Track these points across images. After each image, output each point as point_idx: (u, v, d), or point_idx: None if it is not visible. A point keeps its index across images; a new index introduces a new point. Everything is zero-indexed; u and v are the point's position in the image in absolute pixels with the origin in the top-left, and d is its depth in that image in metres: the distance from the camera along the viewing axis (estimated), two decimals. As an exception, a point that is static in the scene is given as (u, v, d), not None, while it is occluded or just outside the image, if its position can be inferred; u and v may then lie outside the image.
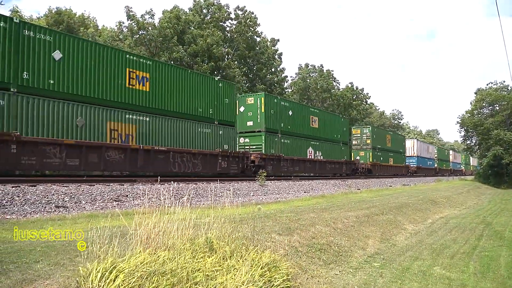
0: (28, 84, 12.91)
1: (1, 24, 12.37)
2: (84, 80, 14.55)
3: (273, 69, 49.62)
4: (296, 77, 62.64)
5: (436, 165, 64.83)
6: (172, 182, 11.46)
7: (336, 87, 63.20)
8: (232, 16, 46.00)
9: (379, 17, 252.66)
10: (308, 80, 60.32)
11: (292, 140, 26.86)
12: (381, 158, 43.01)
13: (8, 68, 12.43)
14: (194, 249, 5.05)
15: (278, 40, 50.65)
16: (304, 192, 19.71)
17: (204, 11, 44.67)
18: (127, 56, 16.55)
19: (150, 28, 35.40)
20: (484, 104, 54.19)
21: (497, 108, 52.67)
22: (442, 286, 6.76)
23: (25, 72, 12.88)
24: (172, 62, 33.10)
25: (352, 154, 39.67)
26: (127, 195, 12.03)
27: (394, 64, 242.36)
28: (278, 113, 25.63)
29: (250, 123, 24.51)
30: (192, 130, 18.74)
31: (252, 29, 46.31)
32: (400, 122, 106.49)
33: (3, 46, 12.37)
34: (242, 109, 24.89)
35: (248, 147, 24.47)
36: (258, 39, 47.72)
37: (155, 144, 16.77)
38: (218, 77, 23.49)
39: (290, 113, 27.02)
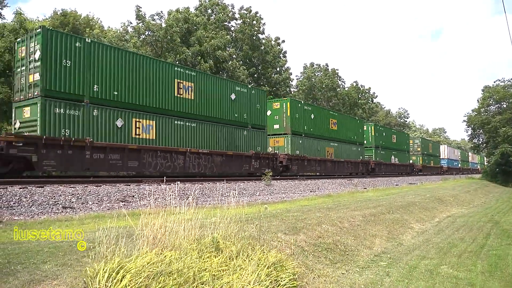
0: (307, 132, 27.88)
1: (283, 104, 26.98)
2: (318, 126, 29.57)
3: (278, 68, 49.50)
4: (301, 76, 62.52)
5: (459, 165, 79.47)
6: (177, 182, 11.51)
7: (341, 86, 63.02)
8: (237, 16, 45.97)
9: (384, 15, 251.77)
10: (313, 79, 60.19)
11: (385, 151, 43.30)
12: (427, 161, 58.75)
13: (299, 125, 27.08)
14: (200, 249, 5.06)
15: (283, 41, 50.54)
16: (310, 191, 19.65)
17: (209, 11, 44.68)
18: (330, 112, 33.70)
19: (156, 29, 35.48)
20: (491, 102, 53.78)
21: (505, 105, 52.25)
22: (450, 285, 6.72)
23: (305, 125, 27.67)
24: (177, 62, 33.15)
25: (407, 158, 55.76)
26: (133, 196, 12.07)
27: (400, 63, 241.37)
28: (379, 135, 42.47)
29: (365, 142, 39.55)
30: (350, 149, 34.71)
31: (257, 29, 46.22)
32: (406, 121, 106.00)
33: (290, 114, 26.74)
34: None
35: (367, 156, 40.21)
36: (262, 36, 47.58)
37: (342, 158, 32.67)
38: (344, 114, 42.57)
39: (384, 134, 44.01)
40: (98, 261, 4.24)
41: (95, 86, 14.80)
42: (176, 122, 17.83)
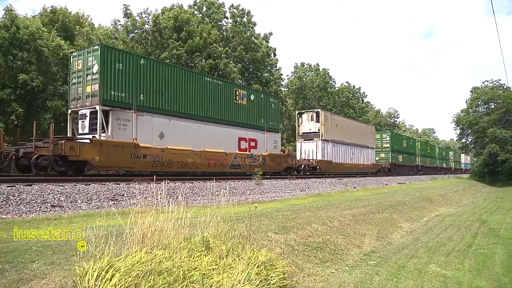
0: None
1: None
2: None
3: (269, 67, 49.49)
4: (292, 76, 62.63)
5: (469, 167, 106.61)
6: (168, 181, 11.46)
7: (332, 86, 63.30)
8: (228, 15, 45.90)
9: (374, 15, 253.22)
10: (304, 79, 60.35)
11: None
12: (456, 165, 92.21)
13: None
14: (190, 248, 5.05)
15: (271, 34, 50.47)
16: (301, 190, 19.71)
17: (204, 8, 44.53)
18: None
19: (145, 26, 35.22)
20: (479, 103, 54.41)
21: (493, 106, 52.90)
22: (438, 283, 6.79)
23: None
24: (168, 61, 32.92)
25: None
26: (123, 194, 12.00)
27: (391, 63, 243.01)
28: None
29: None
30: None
31: (250, 31, 46.17)
32: (396, 121, 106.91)
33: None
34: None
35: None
36: (256, 40, 47.59)
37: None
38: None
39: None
40: (87, 260, 4.20)
41: None
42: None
